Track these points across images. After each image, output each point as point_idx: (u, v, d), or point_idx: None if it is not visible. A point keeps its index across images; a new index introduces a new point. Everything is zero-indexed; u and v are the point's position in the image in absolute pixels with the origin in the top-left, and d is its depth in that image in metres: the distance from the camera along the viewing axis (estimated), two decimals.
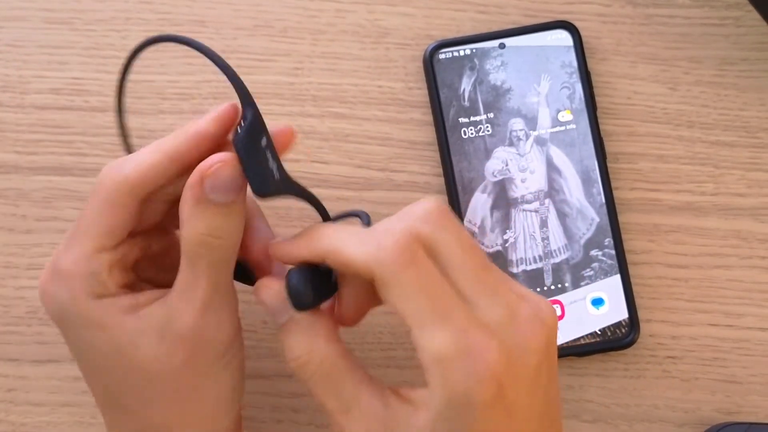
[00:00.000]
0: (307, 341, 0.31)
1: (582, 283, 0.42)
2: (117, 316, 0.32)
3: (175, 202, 0.33)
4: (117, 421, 0.34)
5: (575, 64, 0.44)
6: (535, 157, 0.43)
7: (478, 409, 0.28)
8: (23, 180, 0.44)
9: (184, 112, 0.45)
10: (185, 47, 0.33)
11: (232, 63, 0.45)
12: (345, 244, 0.30)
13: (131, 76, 0.45)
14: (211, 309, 0.32)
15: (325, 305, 0.33)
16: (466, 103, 0.44)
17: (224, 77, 0.45)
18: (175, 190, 0.33)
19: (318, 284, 0.32)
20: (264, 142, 0.31)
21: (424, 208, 0.31)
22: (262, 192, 0.31)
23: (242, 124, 0.31)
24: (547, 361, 0.31)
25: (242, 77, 0.45)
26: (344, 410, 0.31)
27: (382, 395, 0.31)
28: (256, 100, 0.32)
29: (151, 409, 0.33)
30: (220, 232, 0.31)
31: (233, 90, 0.45)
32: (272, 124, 0.33)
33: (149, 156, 0.32)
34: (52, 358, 0.43)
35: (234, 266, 0.33)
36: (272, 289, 0.33)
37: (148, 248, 0.35)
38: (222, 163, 0.31)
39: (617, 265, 0.43)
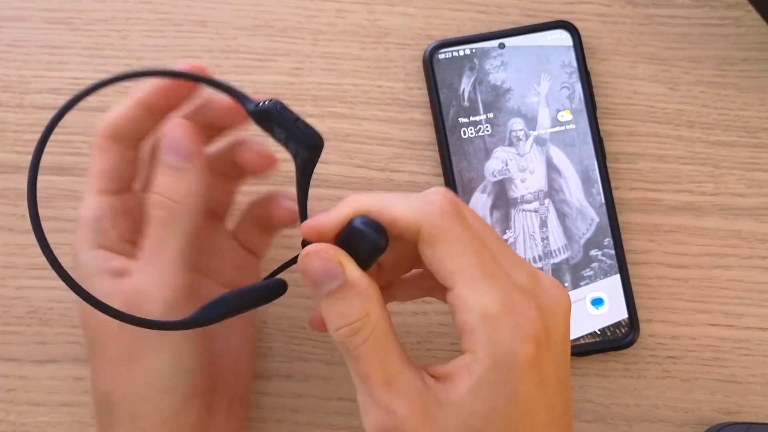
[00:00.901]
0: (363, 305, 0.30)
1: (582, 283, 0.42)
2: (99, 275, 0.33)
3: None
4: (91, 386, 0.35)
5: (575, 64, 0.44)
6: (534, 157, 0.43)
7: (519, 368, 0.29)
8: (23, 180, 0.44)
9: None
10: (185, 46, 0.33)
11: (232, 63, 0.45)
12: (388, 203, 0.31)
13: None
14: (151, 266, 0.33)
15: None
16: (466, 103, 0.44)
17: (224, 78, 0.45)
18: None
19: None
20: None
21: (439, 191, 0.31)
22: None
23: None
24: (568, 330, 0.32)
25: (242, 77, 0.45)
26: (387, 382, 0.30)
27: (420, 373, 0.31)
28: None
29: (100, 377, 0.34)
30: (171, 194, 0.32)
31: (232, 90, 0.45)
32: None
33: (123, 103, 0.35)
34: (52, 358, 0.43)
35: (190, 232, 0.33)
36: (324, 254, 0.31)
37: None
38: (174, 126, 0.33)
39: (617, 265, 0.43)
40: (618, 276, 0.42)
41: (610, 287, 0.42)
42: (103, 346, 0.34)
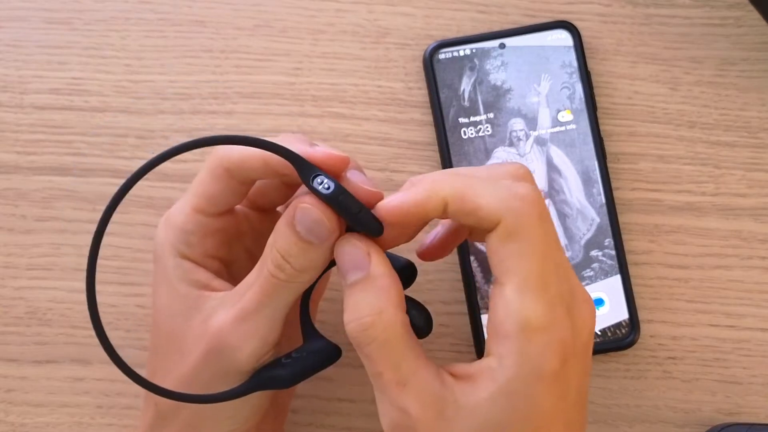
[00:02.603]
0: (378, 302, 0.30)
1: (582, 284, 0.42)
2: (181, 283, 0.33)
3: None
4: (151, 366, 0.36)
5: (575, 64, 0.44)
6: (535, 157, 0.43)
7: (544, 382, 0.29)
8: (23, 180, 0.44)
9: (183, 112, 0.44)
10: (185, 46, 0.33)
11: (232, 63, 0.45)
12: (474, 187, 0.30)
13: (132, 76, 0.45)
14: (247, 321, 0.32)
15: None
16: (466, 104, 0.44)
17: (224, 78, 0.45)
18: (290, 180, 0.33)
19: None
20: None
21: (527, 182, 0.31)
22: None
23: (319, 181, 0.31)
24: (591, 347, 0.32)
25: (242, 77, 0.45)
26: (401, 382, 0.30)
27: (438, 373, 0.30)
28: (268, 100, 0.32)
29: (163, 383, 0.34)
30: (294, 261, 0.31)
31: (233, 90, 0.45)
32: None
33: (251, 150, 0.33)
34: (52, 359, 0.43)
35: (296, 299, 0.33)
36: (355, 241, 0.31)
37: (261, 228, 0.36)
38: (309, 205, 0.30)
39: (617, 266, 0.42)
40: (618, 276, 0.42)
41: (611, 288, 0.42)
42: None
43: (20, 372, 0.43)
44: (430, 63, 0.44)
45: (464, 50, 0.44)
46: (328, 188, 0.30)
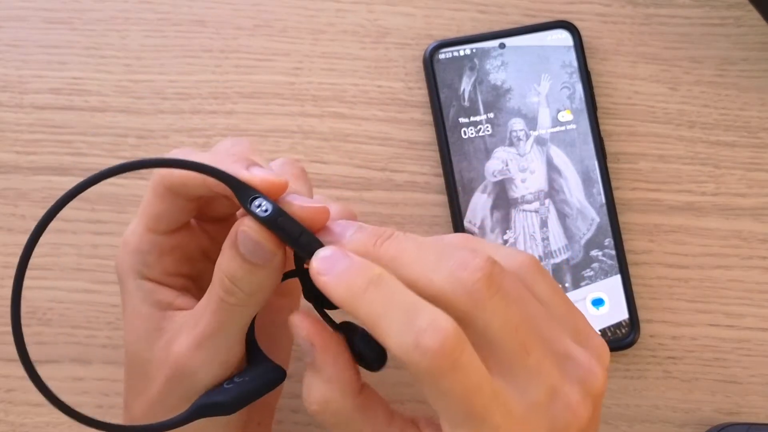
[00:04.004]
0: (323, 393, 0.30)
1: (582, 284, 0.42)
2: (143, 305, 0.33)
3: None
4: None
5: (575, 63, 0.44)
6: (535, 157, 0.43)
7: None
8: (23, 180, 0.44)
9: (183, 112, 0.44)
10: (185, 46, 0.33)
11: (232, 63, 0.45)
12: (381, 321, 0.27)
13: (132, 76, 0.45)
14: (205, 347, 0.31)
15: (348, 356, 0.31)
16: (466, 103, 0.44)
17: (224, 78, 0.45)
18: None
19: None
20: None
21: (473, 267, 0.28)
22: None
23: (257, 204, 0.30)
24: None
25: (242, 77, 0.45)
26: None
27: (412, 428, 0.30)
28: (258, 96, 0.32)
29: (133, 405, 0.34)
30: (241, 284, 0.30)
31: (233, 90, 0.45)
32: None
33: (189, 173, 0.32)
34: (52, 359, 0.43)
35: (251, 318, 0.32)
36: (311, 323, 0.30)
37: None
38: (248, 228, 0.29)
39: (617, 266, 0.42)
40: (618, 276, 0.42)
41: (611, 287, 0.42)
42: (139, 388, 0.34)
43: (20, 372, 0.42)
44: (430, 63, 0.44)
45: (464, 50, 0.44)
46: (266, 211, 0.29)
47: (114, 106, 0.45)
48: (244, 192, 0.29)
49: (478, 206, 0.43)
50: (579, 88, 0.44)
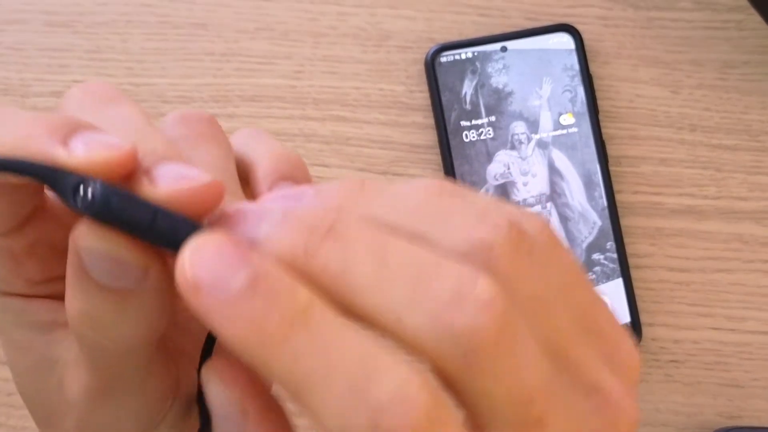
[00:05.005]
0: None
1: None
2: (17, 331, 0.24)
3: None
4: None
5: (577, 67, 0.44)
6: (536, 160, 0.43)
7: None
8: None
9: None
10: (186, 49, 0.32)
11: (233, 66, 0.45)
12: (312, 390, 0.16)
13: (133, 79, 0.45)
14: (107, 404, 0.23)
15: None
16: (468, 107, 0.44)
17: (225, 81, 0.45)
18: None
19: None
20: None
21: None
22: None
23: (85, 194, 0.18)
24: None
25: (243, 80, 0.45)
26: None
27: None
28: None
29: None
30: (108, 331, 0.20)
31: (234, 93, 0.45)
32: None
33: None
34: None
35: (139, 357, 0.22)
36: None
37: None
38: (82, 233, 0.19)
39: (619, 269, 0.42)
40: (620, 280, 0.42)
41: (613, 291, 0.42)
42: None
43: None
44: (431, 66, 0.44)
45: (466, 53, 0.44)
46: (92, 196, 0.18)
47: None
48: (62, 182, 0.19)
49: None
50: (581, 91, 0.44)
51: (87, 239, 0.19)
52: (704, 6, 0.46)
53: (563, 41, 0.44)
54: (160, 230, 0.18)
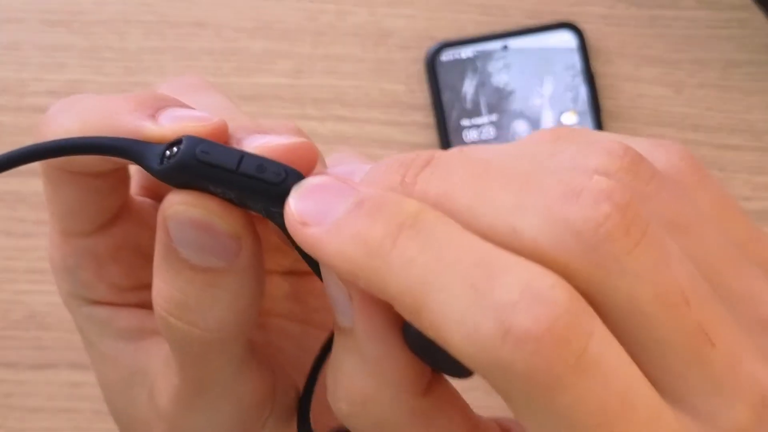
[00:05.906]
0: (363, 386, 0.18)
1: None
2: (104, 341, 0.23)
3: None
4: None
5: (579, 65, 0.44)
6: None
7: None
8: (21, 183, 0.44)
9: None
10: (184, 48, 0.32)
11: (232, 65, 0.45)
12: (429, 297, 0.15)
13: (131, 78, 0.45)
14: (197, 408, 0.22)
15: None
16: (469, 106, 0.43)
17: (224, 80, 0.45)
18: None
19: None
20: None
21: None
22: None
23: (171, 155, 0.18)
24: None
25: (243, 79, 0.45)
26: None
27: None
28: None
29: None
30: (194, 315, 0.19)
31: (234, 92, 0.45)
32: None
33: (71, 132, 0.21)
34: (50, 363, 0.43)
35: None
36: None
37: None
38: (182, 204, 0.18)
39: None
40: None
41: None
42: None
43: (18, 376, 0.42)
44: (432, 65, 0.44)
45: (467, 52, 0.44)
46: (179, 150, 0.17)
47: None
48: (149, 154, 0.18)
49: None
50: (583, 90, 0.43)
51: (177, 205, 0.18)
52: (707, 5, 0.45)
53: (565, 40, 0.44)
54: (249, 176, 0.17)
